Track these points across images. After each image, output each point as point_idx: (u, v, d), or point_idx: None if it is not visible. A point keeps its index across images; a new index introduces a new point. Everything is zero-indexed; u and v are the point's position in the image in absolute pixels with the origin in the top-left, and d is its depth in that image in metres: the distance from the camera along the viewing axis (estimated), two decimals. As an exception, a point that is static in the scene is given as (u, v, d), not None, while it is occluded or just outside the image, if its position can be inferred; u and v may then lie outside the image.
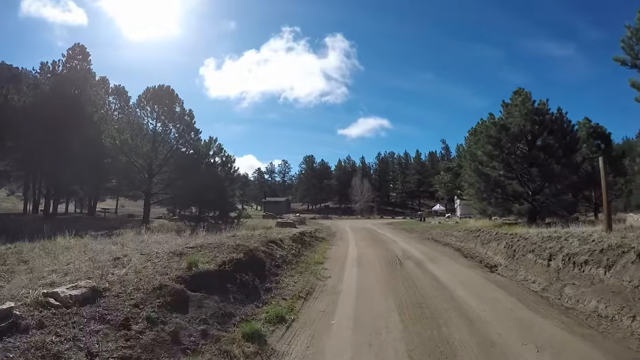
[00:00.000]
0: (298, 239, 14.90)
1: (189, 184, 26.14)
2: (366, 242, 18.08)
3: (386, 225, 36.23)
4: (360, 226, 32.43)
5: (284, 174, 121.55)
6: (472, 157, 19.59)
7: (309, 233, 18.35)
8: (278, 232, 14.84)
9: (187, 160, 27.63)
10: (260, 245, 10.14)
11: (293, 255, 11.51)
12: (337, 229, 27.67)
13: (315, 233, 20.02)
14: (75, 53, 38.45)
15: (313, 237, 17.44)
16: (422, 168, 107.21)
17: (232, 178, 26.37)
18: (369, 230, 26.09)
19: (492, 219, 21.72)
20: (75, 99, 34.80)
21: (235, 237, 11.03)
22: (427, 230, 26.06)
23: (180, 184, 27.04)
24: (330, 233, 23.08)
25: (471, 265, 11.63)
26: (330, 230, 25.17)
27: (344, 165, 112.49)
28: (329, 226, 30.41)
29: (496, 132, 19.11)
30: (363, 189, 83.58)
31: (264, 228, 18.13)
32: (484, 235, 16.41)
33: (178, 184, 27.47)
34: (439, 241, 18.86)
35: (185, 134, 33.79)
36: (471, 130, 28.02)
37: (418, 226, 30.88)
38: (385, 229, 28.11)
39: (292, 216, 33.17)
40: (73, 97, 34.72)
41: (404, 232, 25.03)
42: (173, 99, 34.68)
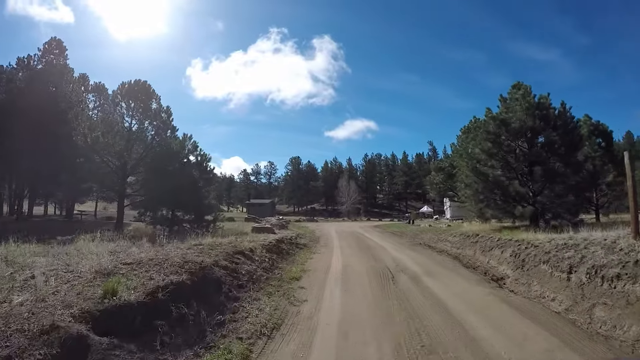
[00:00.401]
0: (274, 247, 12.96)
1: (162, 184, 23.99)
2: (352, 249, 16.18)
3: (374, 228, 34.44)
4: (346, 229, 30.57)
5: (270, 175, 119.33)
6: (469, 156, 17.88)
7: (289, 239, 16.42)
8: (252, 240, 12.83)
9: (160, 159, 25.47)
10: (222, 259, 8.18)
11: (264, 270, 9.52)
12: (322, 233, 25.76)
13: (297, 239, 18.10)
14: (51, 47, 36.14)
15: (293, 245, 15.49)
16: (409, 169, 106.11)
17: (208, 178, 24.19)
18: (355, 235, 24.23)
19: (488, 223, 20.04)
20: (51, 95, 32.55)
21: (198, 247, 9.09)
22: (417, 234, 24.32)
23: (152, 185, 24.88)
24: (313, 238, 21.16)
25: (476, 279, 9.85)
26: (313, 235, 23.24)
27: (331, 167, 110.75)
28: (313, 230, 28.48)
29: (495, 127, 17.45)
30: (350, 191, 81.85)
31: (239, 234, 16.16)
32: (483, 241, 14.72)
33: (151, 185, 25.30)
34: (433, 247, 17.09)
35: (162, 132, 31.64)
36: (464, 129, 26.56)
37: (407, 229, 29.15)
38: (373, 233, 26.29)
39: (274, 219, 31.18)
40: (48, 93, 32.49)
41: (394, 237, 23.22)
42: (149, 95, 32.44)
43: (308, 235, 22.06)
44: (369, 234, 24.72)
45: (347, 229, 31.16)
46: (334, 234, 24.56)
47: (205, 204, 23.78)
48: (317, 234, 24.85)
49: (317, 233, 25.28)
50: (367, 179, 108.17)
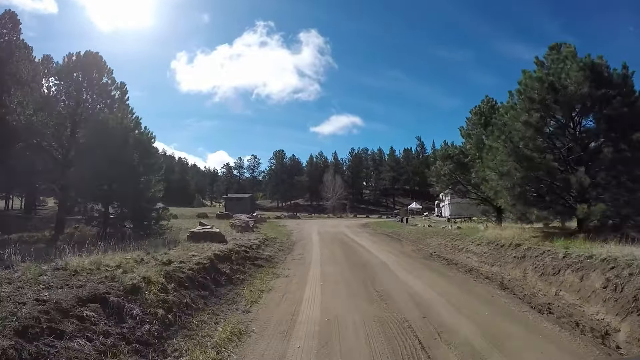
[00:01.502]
0: (209, 269, 7.51)
1: (95, 173, 18.35)
2: (339, 267, 10.70)
3: (363, 228, 29.15)
4: (331, 230, 25.16)
5: (254, 169, 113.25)
6: (506, 134, 12.59)
7: (244, 252, 10.95)
8: (167, 260, 7.28)
9: (99, 141, 19.70)
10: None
11: (151, 335, 4.03)
12: (301, 236, 20.32)
13: (259, 249, 12.69)
14: (4, 22, 30.23)
15: (245, 263, 9.98)
16: (397, 165, 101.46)
17: (150, 164, 18.46)
18: (342, 240, 18.83)
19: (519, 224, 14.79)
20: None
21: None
22: (420, 238, 19.12)
23: (86, 174, 19.18)
24: (287, 245, 15.75)
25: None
26: (288, 240, 17.82)
27: (316, 161, 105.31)
28: (291, 231, 23.04)
29: (542, 92, 12.27)
30: (335, 186, 76.48)
31: (169, 243, 10.67)
32: (536, 257, 9.83)
33: (85, 174, 19.57)
34: (455, 264, 11.88)
35: (117, 112, 25.97)
36: (475, 109, 21.41)
37: (403, 230, 23.96)
38: (364, 236, 20.97)
39: (245, 216, 25.54)
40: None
41: (391, 242, 17.97)
42: (101, 69, 26.38)
43: (280, 241, 16.62)
44: (359, 238, 19.38)
45: (332, 229, 25.78)
46: (315, 238, 19.16)
47: (147, 197, 18.14)
48: (294, 237, 19.44)
49: (293, 236, 19.86)
50: (354, 174, 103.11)
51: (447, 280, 9.15)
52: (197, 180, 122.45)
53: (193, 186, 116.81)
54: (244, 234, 15.75)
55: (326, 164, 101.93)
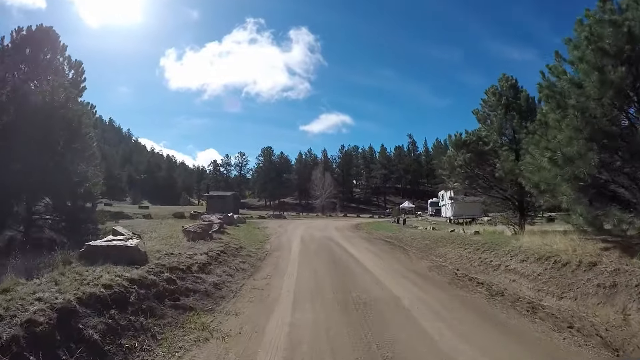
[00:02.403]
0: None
1: (12, 162, 13.97)
2: (324, 309, 6.17)
3: (355, 230, 24.91)
4: (318, 233, 20.72)
5: (241, 167, 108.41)
6: (572, 104, 8.41)
7: (170, 279, 6.58)
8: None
9: (24, 122, 15.22)
10: None
11: None
12: (279, 243, 15.79)
13: (208, 268, 8.27)
14: None
15: (174, 296, 5.60)
16: (388, 162, 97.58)
17: (78, 150, 13.95)
18: (331, 249, 14.28)
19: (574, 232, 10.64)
20: None
21: None
22: (428, 246, 14.94)
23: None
24: (253, 261, 11.14)
25: None
26: (260, 251, 13.29)
27: (305, 159, 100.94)
28: (268, 236, 18.59)
29: (619, 40, 8.18)
30: (325, 184, 72.16)
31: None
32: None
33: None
34: (500, 293, 7.68)
35: (68, 94, 21.57)
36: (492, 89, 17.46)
37: (403, 234, 19.77)
38: (358, 243, 16.60)
39: (215, 217, 21.15)
40: None
41: (395, 254, 13.63)
42: (55, 46, 22.13)
43: (246, 254, 12.05)
44: (351, 247, 14.94)
45: (320, 233, 21.42)
46: (296, 248, 14.71)
47: (79, 193, 13.74)
48: (269, 245, 14.98)
49: (269, 244, 15.41)
50: (344, 171, 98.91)
51: (509, 337, 4.96)
52: (185, 178, 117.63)
53: (180, 184, 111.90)
54: (196, 242, 11.39)
55: (315, 162, 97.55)
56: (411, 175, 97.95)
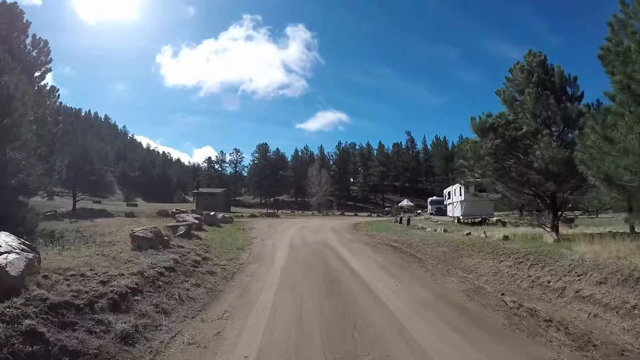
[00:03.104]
0: None
1: None
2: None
3: (354, 232, 21.70)
4: (311, 237, 17.35)
5: (236, 164, 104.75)
6: None
7: (73, 312, 3.29)
8: None
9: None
10: None
11: None
12: (262, 250, 12.38)
13: (133, 298, 4.95)
14: None
15: None
16: (386, 159, 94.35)
17: (12, 120, 10.44)
18: (326, 261, 10.72)
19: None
20: None
21: None
22: (448, 254, 11.78)
23: None
24: (215, 284, 7.84)
25: None
26: (234, 262, 9.87)
27: (301, 156, 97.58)
28: (252, 240, 15.19)
29: None
30: (321, 181, 68.78)
31: None
32: None
33: None
34: (591, 343, 4.34)
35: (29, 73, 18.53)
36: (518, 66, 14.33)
37: (412, 238, 16.56)
38: (360, 251, 13.26)
39: (191, 216, 17.87)
40: None
41: (412, 269, 10.24)
42: (16, 23, 19.17)
43: (210, 268, 8.66)
44: (353, 256, 11.54)
45: (314, 235, 18.14)
46: (283, 255, 11.45)
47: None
48: (248, 253, 11.64)
49: (248, 251, 12.08)
50: (341, 169, 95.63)
51: None
52: (180, 175, 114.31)
53: (175, 181, 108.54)
54: (143, 253, 8.18)
55: (312, 159, 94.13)
56: (410, 172, 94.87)
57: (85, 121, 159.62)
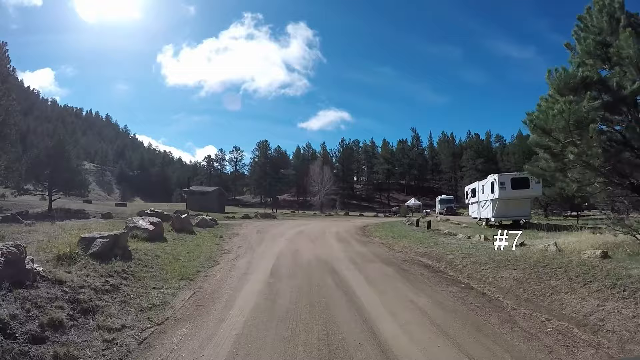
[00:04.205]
0: None
1: None
2: None
3: (363, 238, 16.82)
4: (308, 252, 12.03)
5: (236, 162, 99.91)
6: None
7: None
8: None
9: None
10: None
11: None
12: (211, 289, 7.40)
13: None
14: None
15: None
16: (391, 156, 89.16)
17: None
18: (329, 303, 5.86)
19: None
20: None
21: None
22: (534, 285, 6.83)
23: None
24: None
25: None
26: (110, 349, 5.12)
27: (303, 153, 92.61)
28: (218, 256, 10.02)
29: None
30: (324, 179, 63.72)
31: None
32: None
33: None
34: None
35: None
36: (598, 5, 9.37)
37: (444, 247, 11.68)
38: (384, 276, 8.23)
39: (147, 220, 12.92)
40: None
41: (493, 327, 5.27)
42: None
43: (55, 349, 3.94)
44: (377, 295, 6.53)
45: (312, 248, 13.07)
46: (258, 284, 6.57)
47: None
48: (198, 287, 6.69)
49: (207, 277, 7.24)
50: (344, 166, 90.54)
51: None
52: (180, 174, 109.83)
53: (175, 180, 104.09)
54: None
55: (314, 156, 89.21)
56: (417, 170, 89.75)
57: (86, 120, 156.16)
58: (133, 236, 11.40)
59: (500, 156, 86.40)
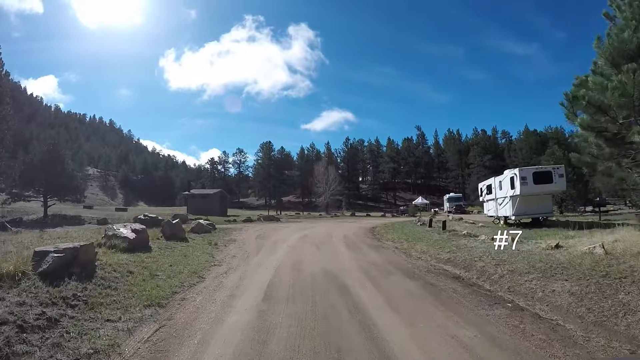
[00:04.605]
0: None
1: None
2: None
3: (374, 241, 15.12)
4: (312, 263, 10.05)
5: (240, 164, 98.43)
6: None
7: None
8: None
9: None
10: None
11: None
12: (183, 322, 5.73)
13: None
14: None
15: None
16: (397, 155, 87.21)
17: None
18: (341, 344, 4.48)
19: None
20: None
21: None
22: (609, 309, 5.18)
23: None
24: None
25: None
26: None
27: (308, 154, 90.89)
28: (210, 269, 8.41)
29: None
30: (329, 179, 61.95)
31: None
32: None
33: None
34: None
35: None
36: None
37: (468, 251, 9.97)
38: (409, 295, 6.53)
39: (127, 229, 11.22)
40: None
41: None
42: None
43: None
44: (405, 327, 4.91)
45: (317, 257, 11.31)
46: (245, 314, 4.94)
47: None
48: (167, 320, 5.06)
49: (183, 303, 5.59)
50: (349, 166, 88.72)
51: None
52: (184, 178, 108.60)
53: (178, 184, 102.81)
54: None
55: (319, 157, 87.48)
56: (423, 168, 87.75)
57: (90, 126, 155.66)
58: (111, 246, 9.83)
59: (507, 152, 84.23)
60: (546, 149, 68.79)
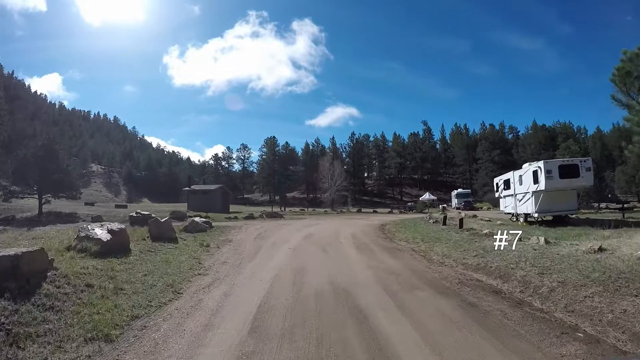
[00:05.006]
0: None
1: None
2: None
3: (387, 241, 13.53)
4: (317, 272, 8.54)
5: (244, 160, 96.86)
6: None
7: None
8: None
9: None
10: None
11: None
12: None
13: None
14: None
15: None
16: (403, 150, 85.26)
17: None
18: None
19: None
20: None
21: None
22: None
23: None
24: None
25: None
26: None
27: (312, 149, 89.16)
28: (192, 279, 6.76)
29: None
30: (334, 174, 60.26)
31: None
32: None
33: None
34: None
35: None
36: None
37: (502, 257, 8.34)
38: (460, 338, 5.05)
39: (103, 230, 9.66)
40: None
41: None
42: None
43: None
44: None
45: (324, 262, 9.78)
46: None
47: None
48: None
49: (139, 343, 4.07)
50: (355, 161, 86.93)
51: None
52: (188, 174, 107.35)
53: (182, 181, 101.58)
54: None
55: (324, 152, 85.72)
56: (430, 163, 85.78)
57: (94, 123, 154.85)
58: (81, 250, 8.33)
59: (515, 147, 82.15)
60: (555, 144, 66.90)
